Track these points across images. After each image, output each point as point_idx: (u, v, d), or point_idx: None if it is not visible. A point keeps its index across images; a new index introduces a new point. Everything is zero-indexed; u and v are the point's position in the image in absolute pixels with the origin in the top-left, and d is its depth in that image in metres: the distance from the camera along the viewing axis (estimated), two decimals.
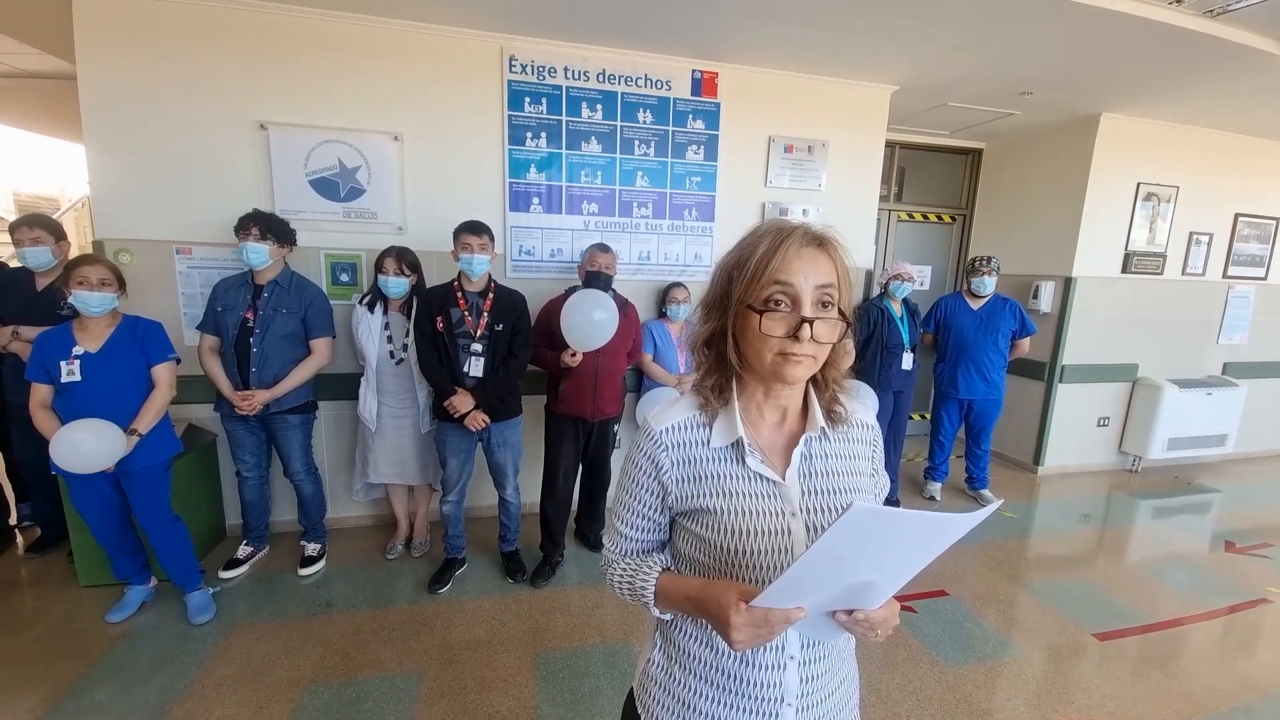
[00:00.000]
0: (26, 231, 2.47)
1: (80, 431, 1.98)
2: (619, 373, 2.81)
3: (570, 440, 2.77)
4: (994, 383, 3.64)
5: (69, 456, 1.96)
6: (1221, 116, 3.91)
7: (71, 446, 1.96)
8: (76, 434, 1.97)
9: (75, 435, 1.97)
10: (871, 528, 0.55)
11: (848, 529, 0.54)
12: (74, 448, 1.96)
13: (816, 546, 0.55)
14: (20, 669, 2.05)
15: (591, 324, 2.48)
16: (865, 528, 0.55)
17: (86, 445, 1.98)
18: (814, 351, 0.72)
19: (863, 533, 0.55)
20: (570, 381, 2.68)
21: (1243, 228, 4.52)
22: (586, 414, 2.72)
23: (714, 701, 0.79)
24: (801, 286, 0.70)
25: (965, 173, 4.89)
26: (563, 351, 2.59)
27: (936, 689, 2.11)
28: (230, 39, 2.63)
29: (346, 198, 2.87)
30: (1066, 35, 2.72)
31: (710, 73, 3.20)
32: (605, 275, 2.69)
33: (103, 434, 2.01)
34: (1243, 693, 2.16)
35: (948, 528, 0.57)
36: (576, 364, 2.60)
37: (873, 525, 0.55)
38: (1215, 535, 3.53)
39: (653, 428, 0.79)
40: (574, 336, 2.51)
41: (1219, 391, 4.42)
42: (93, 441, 1.99)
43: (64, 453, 1.96)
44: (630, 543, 0.84)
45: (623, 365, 2.84)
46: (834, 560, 0.58)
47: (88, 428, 1.99)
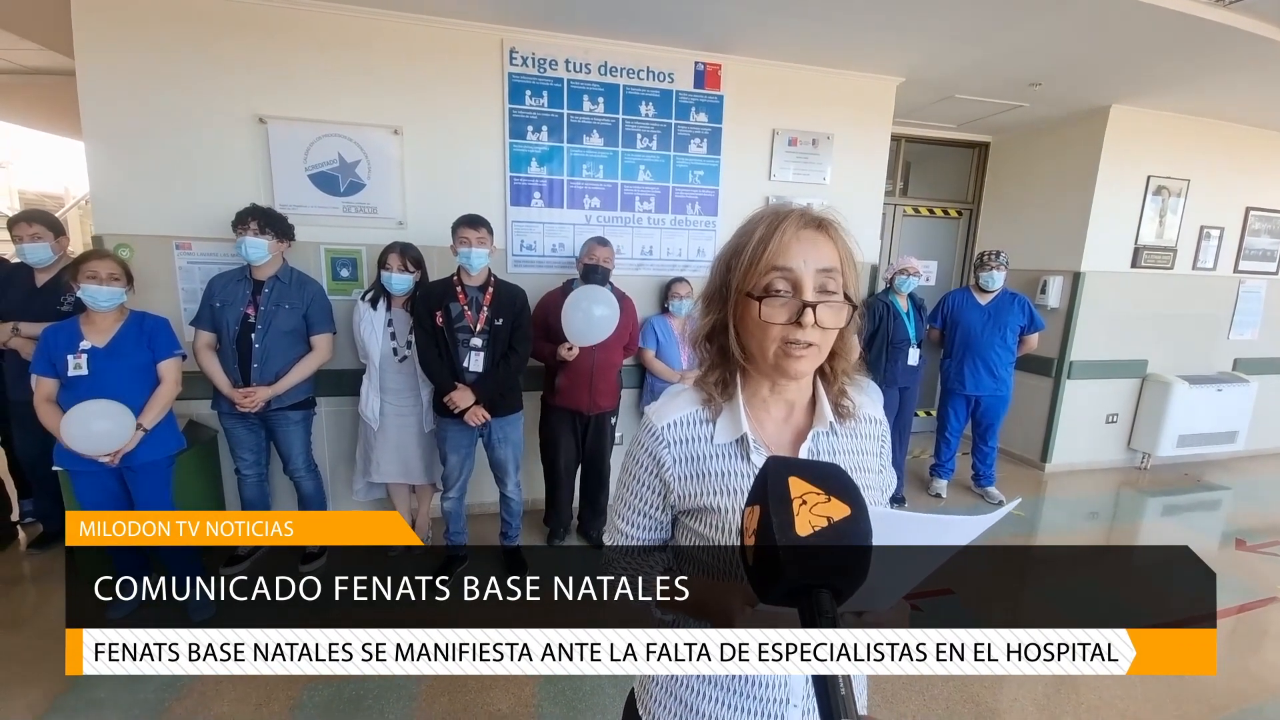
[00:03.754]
0: (26, 228, 2.46)
1: (91, 410, 1.98)
2: (615, 366, 2.84)
3: (568, 432, 2.82)
4: (1002, 379, 3.60)
5: (81, 437, 1.96)
6: (1233, 108, 3.84)
7: (83, 425, 1.96)
8: (88, 412, 1.97)
9: (86, 413, 1.97)
10: (881, 530, 0.53)
11: None
12: (86, 426, 1.96)
13: None
14: (22, 665, 2.05)
15: (593, 320, 2.49)
16: (875, 530, 0.53)
17: (97, 424, 1.98)
18: (818, 339, 0.69)
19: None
20: (566, 375, 2.71)
21: (1254, 221, 4.46)
22: (583, 407, 2.76)
23: (717, 703, 0.77)
24: (801, 271, 0.67)
25: (972, 166, 4.83)
26: (559, 345, 2.61)
27: (943, 689, 2.08)
28: (229, 32, 2.61)
29: (346, 192, 2.85)
30: (1076, 25, 2.67)
31: (714, 64, 3.16)
32: (603, 269, 2.70)
33: (112, 413, 2.01)
34: (1255, 692, 2.14)
35: (960, 530, 0.54)
36: (573, 358, 2.63)
37: (883, 528, 0.53)
38: (1225, 533, 3.49)
39: (654, 423, 0.76)
40: (575, 332, 2.52)
41: (1229, 388, 4.37)
42: (103, 420, 1.99)
43: (76, 433, 1.95)
44: (631, 541, 0.82)
45: (618, 359, 2.87)
46: None
47: (98, 407, 1.99)
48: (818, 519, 0.49)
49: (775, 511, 0.50)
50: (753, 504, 0.53)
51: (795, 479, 0.51)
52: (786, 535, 0.49)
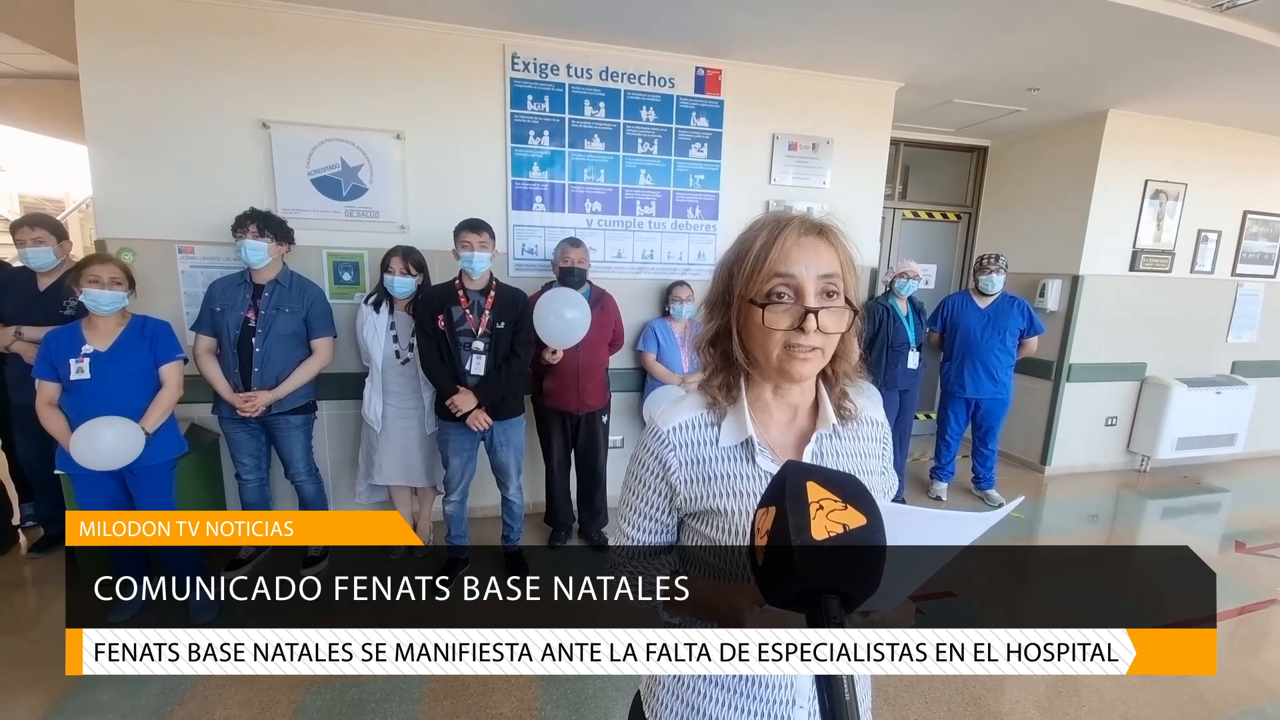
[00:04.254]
0: (28, 232, 2.47)
1: (103, 428, 1.98)
2: (601, 366, 2.89)
3: (558, 432, 2.89)
4: (1002, 382, 3.61)
5: (90, 453, 1.96)
6: (1231, 112, 3.86)
7: (93, 443, 1.96)
8: (99, 431, 1.97)
9: (98, 432, 1.97)
10: (891, 526, 0.54)
11: None
12: (95, 443, 1.96)
13: None
14: (23, 668, 2.04)
15: (565, 322, 2.55)
16: (885, 526, 0.53)
17: (107, 442, 1.98)
18: (821, 343, 0.70)
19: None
20: (554, 377, 2.77)
21: (1251, 225, 4.48)
22: (571, 407, 2.82)
23: (723, 705, 0.77)
24: (803, 277, 0.68)
25: (970, 170, 4.85)
26: (543, 350, 2.65)
27: (945, 691, 2.09)
28: (233, 37, 2.62)
29: (349, 196, 2.86)
30: (1074, 30, 2.68)
31: (714, 69, 3.18)
32: (579, 270, 2.74)
33: (125, 431, 2.01)
34: (1254, 694, 2.14)
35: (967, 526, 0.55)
36: (558, 360, 2.68)
37: (890, 524, 0.53)
38: (1225, 535, 3.50)
39: (659, 427, 0.77)
40: (548, 335, 2.57)
41: (1228, 390, 4.38)
42: (115, 439, 1.99)
43: (85, 449, 1.95)
44: (637, 545, 0.82)
45: (604, 358, 2.91)
46: None
47: (111, 424, 1.99)
48: (834, 525, 0.50)
49: (792, 513, 0.50)
50: (767, 505, 0.53)
51: (813, 484, 0.52)
52: (802, 537, 0.49)
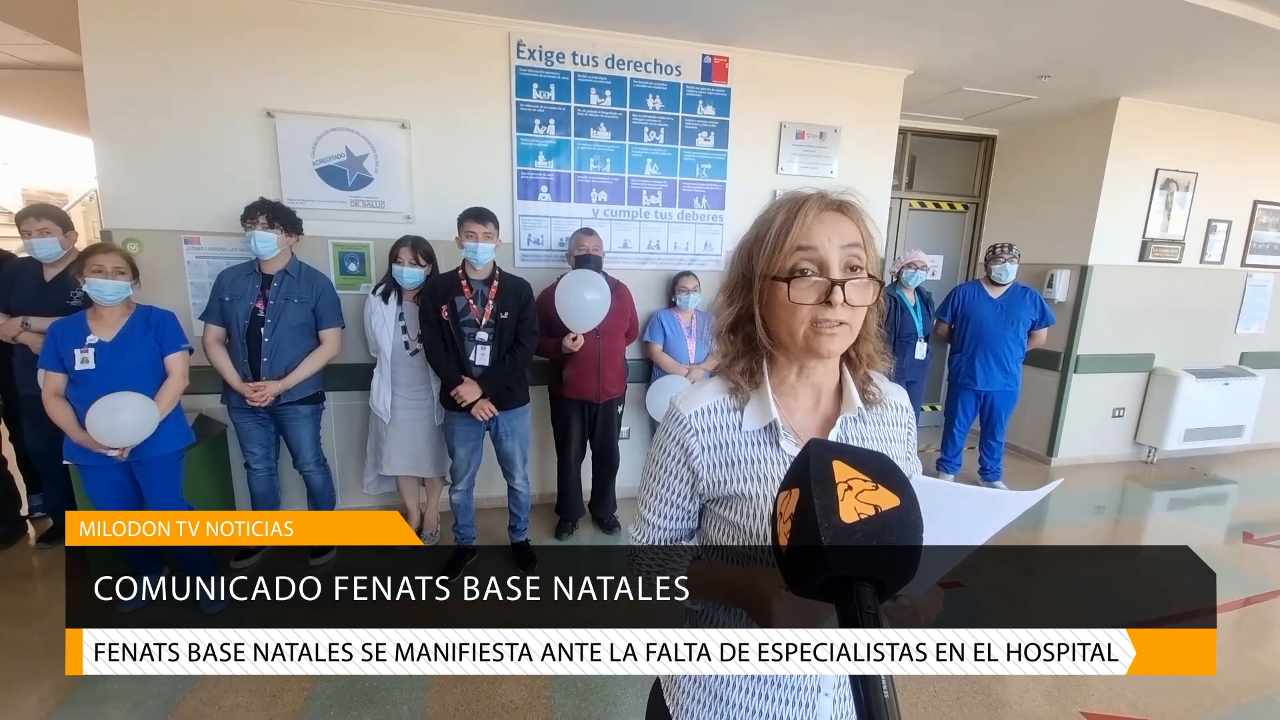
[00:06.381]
0: (34, 222, 2.46)
1: (120, 400, 2.00)
2: (619, 353, 2.91)
3: (577, 422, 2.88)
4: (1013, 374, 3.58)
5: (107, 428, 1.97)
6: (1242, 101, 3.82)
7: (110, 416, 1.97)
8: (115, 404, 1.98)
9: (114, 405, 1.98)
10: (926, 504, 0.52)
11: None
12: (113, 417, 1.97)
13: None
14: (35, 658, 2.05)
15: (585, 304, 2.57)
16: (921, 501, 0.51)
17: (124, 415, 1.99)
18: (848, 317, 0.68)
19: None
20: (574, 366, 2.76)
21: (1262, 215, 4.43)
22: (591, 395, 2.82)
23: (748, 692, 0.77)
24: (827, 249, 0.67)
25: (978, 160, 4.81)
26: (564, 337, 2.65)
27: (953, 681, 2.09)
28: (237, 26, 2.60)
29: (354, 186, 2.84)
30: (1086, 17, 2.65)
31: (721, 57, 3.15)
32: (595, 258, 2.75)
33: (140, 406, 2.03)
34: (1262, 684, 2.14)
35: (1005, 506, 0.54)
36: (579, 348, 2.67)
37: (927, 501, 0.52)
38: (1232, 526, 3.49)
39: (681, 411, 0.76)
40: (570, 318, 2.58)
41: (1236, 382, 4.36)
42: (130, 413, 2.00)
43: (102, 424, 1.96)
44: (659, 531, 0.81)
45: (622, 345, 2.94)
46: None
47: (126, 399, 2.01)
48: (864, 506, 0.45)
49: (818, 495, 0.45)
50: (789, 487, 0.49)
51: (840, 463, 0.47)
52: (829, 520, 0.44)
